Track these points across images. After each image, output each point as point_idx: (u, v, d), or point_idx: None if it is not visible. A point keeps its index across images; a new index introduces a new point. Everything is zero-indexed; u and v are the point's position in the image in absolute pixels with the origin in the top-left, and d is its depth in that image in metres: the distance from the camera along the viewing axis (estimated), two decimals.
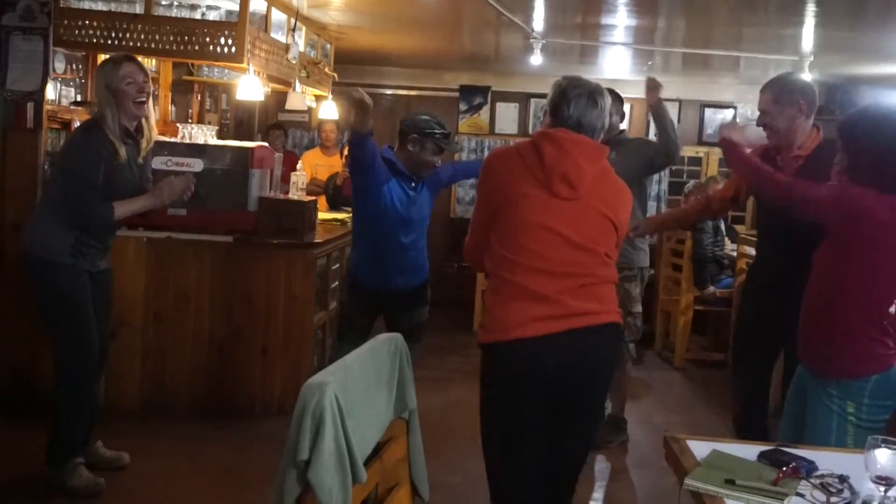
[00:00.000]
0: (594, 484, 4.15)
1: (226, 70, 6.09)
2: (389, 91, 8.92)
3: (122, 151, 3.49)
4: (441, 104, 8.84)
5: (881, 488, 1.81)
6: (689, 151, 8.74)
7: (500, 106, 8.86)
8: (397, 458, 2.16)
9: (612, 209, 2.61)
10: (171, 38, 4.63)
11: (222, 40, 4.62)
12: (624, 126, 4.60)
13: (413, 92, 8.88)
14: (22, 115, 4.40)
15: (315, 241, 4.79)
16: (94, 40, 4.62)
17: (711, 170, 8.48)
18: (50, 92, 4.54)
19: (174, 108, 5.91)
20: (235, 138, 7.05)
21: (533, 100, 8.70)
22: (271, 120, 8.49)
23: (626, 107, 4.47)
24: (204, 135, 4.89)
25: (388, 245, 3.49)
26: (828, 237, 2.65)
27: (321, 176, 7.08)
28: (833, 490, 1.89)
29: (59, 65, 4.86)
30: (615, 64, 7.40)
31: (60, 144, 4.56)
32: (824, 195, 2.65)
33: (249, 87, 4.90)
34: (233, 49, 4.63)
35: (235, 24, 4.67)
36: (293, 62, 5.50)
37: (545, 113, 2.72)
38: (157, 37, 4.62)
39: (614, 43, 6.33)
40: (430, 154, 3.47)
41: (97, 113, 3.55)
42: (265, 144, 5.21)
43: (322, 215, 5.48)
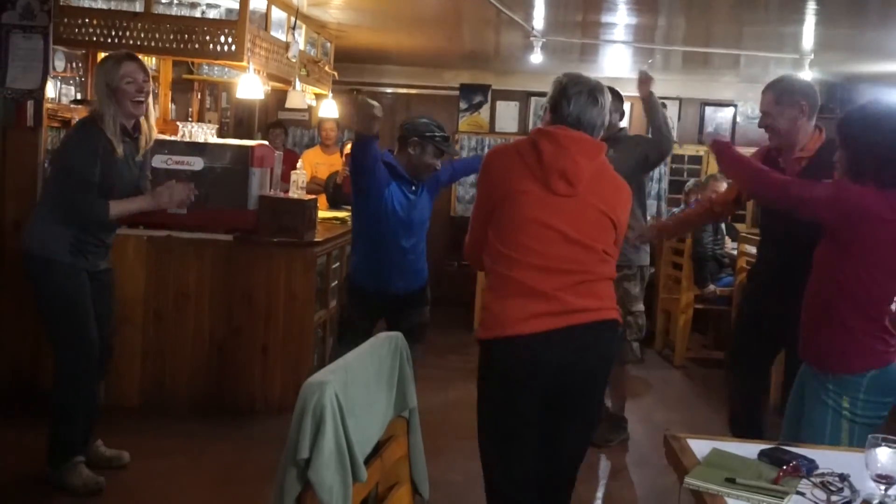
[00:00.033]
0: (594, 483, 4.15)
1: (226, 68, 6.09)
2: (389, 89, 8.91)
3: (120, 149, 3.49)
4: (441, 103, 8.84)
5: (881, 487, 1.81)
6: (690, 150, 8.74)
7: (501, 104, 8.85)
8: (398, 457, 2.16)
9: (611, 206, 2.61)
10: (171, 37, 4.63)
11: (222, 38, 4.62)
12: (624, 124, 4.59)
13: (413, 90, 8.87)
14: (22, 114, 4.41)
15: (315, 240, 4.79)
16: (94, 38, 4.62)
17: (712, 168, 8.47)
18: (50, 90, 4.54)
19: (174, 107, 5.91)
20: (235, 137, 7.04)
21: (533, 98, 8.69)
22: (271, 118, 8.49)
23: (626, 105, 4.47)
24: (204, 133, 4.89)
25: (389, 249, 3.48)
26: (826, 235, 2.65)
27: (321, 174, 7.08)
28: (833, 489, 1.89)
29: (59, 63, 4.86)
30: (615, 62, 7.40)
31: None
32: (822, 194, 2.65)
33: (249, 86, 4.90)
34: (233, 47, 4.63)
35: (235, 23, 4.67)
36: (293, 60, 5.50)
37: (545, 110, 2.72)
38: (157, 35, 4.62)
39: (615, 41, 6.33)
40: (431, 157, 3.47)
41: (95, 110, 3.55)
42: (265, 143, 5.21)
43: (322, 214, 5.48)
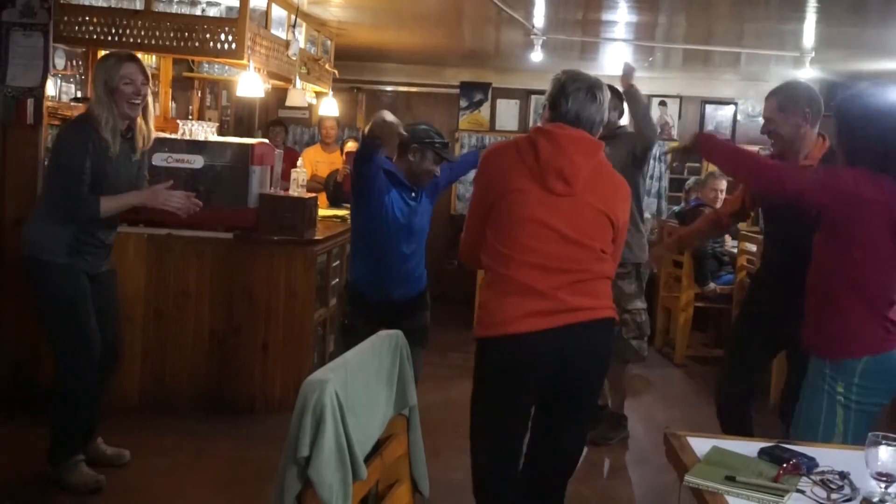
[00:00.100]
0: (595, 481, 4.16)
1: (226, 66, 6.09)
2: (390, 87, 8.91)
3: (114, 147, 3.48)
4: (441, 101, 8.84)
5: (882, 485, 1.81)
6: None
7: (501, 102, 8.85)
8: (398, 455, 2.16)
9: (609, 205, 2.61)
10: (172, 35, 4.62)
11: (222, 36, 4.61)
12: (624, 122, 4.58)
13: (413, 88, 8.87)
14: (22, 112, 4.40)
15: (315, 238, 4.80)
16: (94, 36, 4.61)
17: (712, 166, 8.46)
18: (50, 88, 4.54)
19: (174, 105, 5.91)
20: (236, 135, 7.05)
21: (533, 96, 8.69)
22: (272, 116, 8.48)
23: (626, 103, 4.46)
24: (204, 131, 4.89)
25: (390, 256, 3.49)
26: (822, 220, 2.65)
27: (321, 172, 7.09)
28: (833, 486, 1.89)
29: (60, 61, 4.86)
30: (616, 60, 7.37)
31: None
32: (816, 178, 2.67)
33: (250, 84, 4.90)
34: (233, 45, 4.62)
35: (236, 21, 4.66)
36: (293, 58, 5.50)
37: (544, 107, 2.72)
38: (158, 33, 4.61)
39: (615, 39, 6.33)
40: (431, 163, 3.48)
41: (91, 107, 3.54)
42: (265, 141, 5.21)
43: (322, 212, 5.48)
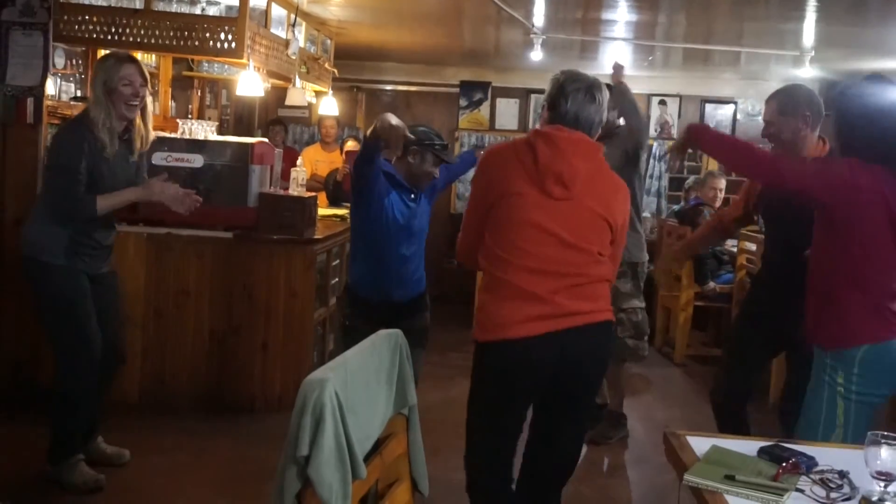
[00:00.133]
0: (594, 480, 4.15)
1: (226, 66, 6.09)
2: (389, 87, 8.91)
3: (111, 148, 3.47)
4: (441, 100, 8.84)
5: (881, 484, 1.81)
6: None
7: (501, 101, 8.84)
8: (397, 454, 2.16)
9: (607, 207, 2.60)
10: (171, 34, 4.62)
11: (222, 36, 4.62)
12: (623, 122, 4.58)
13: (413, 87, 8.87)
14: (22, 111, 4.41)
15: (315, 237, 4.80)
16: (94, 36, 4.61)
17: (711, 165, 8.46)
18: (50, 87, 4.54)
19: (174, 104, 5.91)
20: (235, 134, 7.05)
21: (533, 95, 8.68)
22: (271, 116, 8.48)
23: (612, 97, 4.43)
24: (204, 130, 4.89)
25: (390, 258, 3.49)
26: (818, 211, 2.65)
27: (321, 172, 7.08)
28: (833, 485, 1.89)
29: (59, 60, 4.86)
30: (616, 59, 7.37)
31: None
32: (810, 167, 2.69)
33: (249, 83, 4.90)
34: (233, 44, 4.62)
35: (235, 20, 4.66)
36: (293, 58, 5.50)
37: (543, 108, 2.71)
38: (157, 32, 4.61)
39: (615, 38, 6.32)
40: (430, 165, 3.48)
41: (88, 108, 3.54)
42: (265, 140, 5.21)
43: (322, 211, 5.48)
